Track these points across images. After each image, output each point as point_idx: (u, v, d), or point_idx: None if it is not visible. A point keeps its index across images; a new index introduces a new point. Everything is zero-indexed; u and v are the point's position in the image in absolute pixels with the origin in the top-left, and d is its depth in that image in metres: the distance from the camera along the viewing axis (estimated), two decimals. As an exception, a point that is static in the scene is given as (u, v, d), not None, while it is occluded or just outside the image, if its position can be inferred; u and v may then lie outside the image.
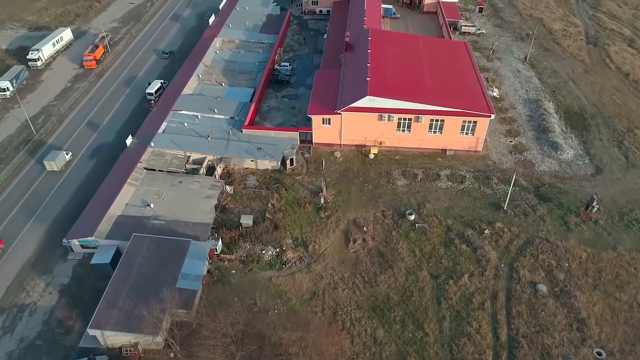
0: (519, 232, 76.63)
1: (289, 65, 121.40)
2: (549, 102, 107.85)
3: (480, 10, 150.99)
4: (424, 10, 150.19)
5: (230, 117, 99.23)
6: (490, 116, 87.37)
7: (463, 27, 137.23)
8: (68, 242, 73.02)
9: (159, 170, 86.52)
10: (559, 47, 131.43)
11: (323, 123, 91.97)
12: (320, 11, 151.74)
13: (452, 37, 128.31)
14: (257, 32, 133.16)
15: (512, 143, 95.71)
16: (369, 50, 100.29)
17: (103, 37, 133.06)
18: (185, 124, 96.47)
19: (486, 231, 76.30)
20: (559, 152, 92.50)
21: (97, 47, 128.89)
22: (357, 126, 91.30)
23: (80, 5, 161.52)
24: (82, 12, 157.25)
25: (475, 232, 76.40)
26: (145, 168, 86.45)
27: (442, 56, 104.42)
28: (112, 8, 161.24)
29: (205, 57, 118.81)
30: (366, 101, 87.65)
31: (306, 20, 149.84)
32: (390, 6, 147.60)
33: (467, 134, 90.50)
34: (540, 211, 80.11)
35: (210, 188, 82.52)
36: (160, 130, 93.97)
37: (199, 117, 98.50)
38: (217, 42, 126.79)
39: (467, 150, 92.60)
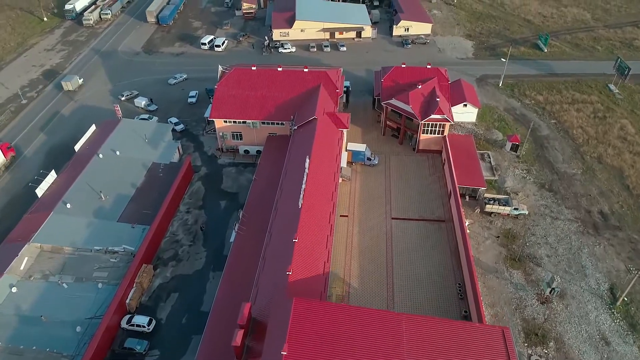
0: None
1: (148, 325, 61.55)
2: None
3: (514, 148, 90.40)
4: (420, 147, 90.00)
5: None
6: None
7: (488, 205, 76.94)
8: None
9: None
10: (671, 255, 71.11)
11: None
12: (247, 151, 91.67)
13: (464, 220, 68.99)
14: (113, 221, 73.36)
15: None
16: None
17: None
18: None
19: None
20: None
21: None
22: None
23: None
24: None
25: None
26: None
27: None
28: None
29: (-19, 311, 59.40)
30: None
31: (221, 167, 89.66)
32: (363, 148, 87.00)
33: None
34: None
35: None
36: None
37: None
38: (25, 256, 67.05)
39: None
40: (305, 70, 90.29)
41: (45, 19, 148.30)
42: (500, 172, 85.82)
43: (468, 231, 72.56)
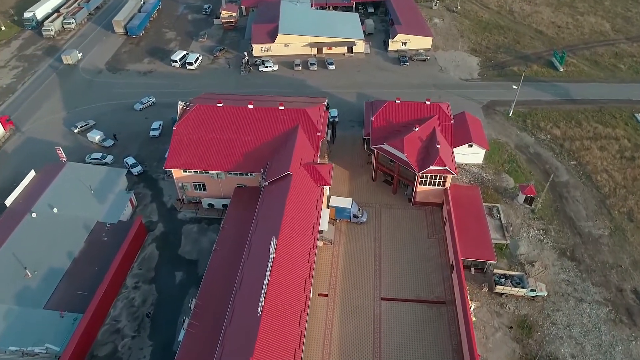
0: None
1: None
2: None
3: (529, 201, 76.37)
4: (417, 200, 75.99)
5: None
6: None
7: (499, 286, 63.14)
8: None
9: None
10: None
11: None
12: (211, 205, 77.75)
13: (469, 304, 55.92)
14: (39, 307, 59.79)
15: None
16: None
17: None
18: None
19: None
20: None
21: None
22: None
23: None
24: None
25: None
26: None
27: None
28: None
29: None
30: None
31: (182, 223, 75.64)
32: (349, 204, 72.66)
33: None
34: None
35: None
36: None
37: None
38: None
39: None
40: (281, 107, 75.95)
41: (2, 27, 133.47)
42: (511, 232, 71.95)
43: (474, 319, 59.42)
